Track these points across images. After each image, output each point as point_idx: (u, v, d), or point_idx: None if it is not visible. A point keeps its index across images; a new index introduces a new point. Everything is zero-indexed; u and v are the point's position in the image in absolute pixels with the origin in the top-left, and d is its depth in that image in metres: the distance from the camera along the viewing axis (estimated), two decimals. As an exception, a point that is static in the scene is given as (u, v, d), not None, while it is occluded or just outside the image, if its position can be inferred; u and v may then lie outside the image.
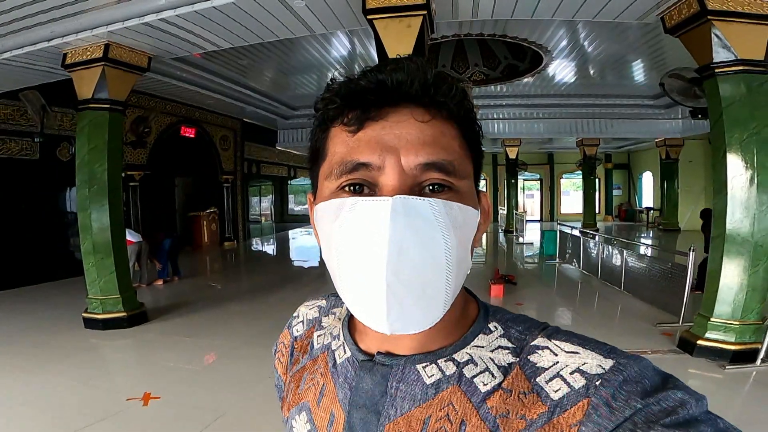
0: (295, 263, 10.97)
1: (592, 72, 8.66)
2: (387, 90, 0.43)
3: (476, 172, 0.49)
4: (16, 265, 7.46)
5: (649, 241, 12.91)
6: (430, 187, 0.43)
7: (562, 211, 20.86)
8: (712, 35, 3.77)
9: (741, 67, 3.77)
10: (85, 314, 5.17)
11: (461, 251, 0.43)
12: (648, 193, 19.11)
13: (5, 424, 3.05)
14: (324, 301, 0.64)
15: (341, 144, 0.45)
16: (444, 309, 0.43)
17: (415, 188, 0.42)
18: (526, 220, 13.98)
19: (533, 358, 0.44)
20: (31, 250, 7.68)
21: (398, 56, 0.47)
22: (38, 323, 5.39)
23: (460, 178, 0.44)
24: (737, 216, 3.86)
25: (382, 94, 0.43)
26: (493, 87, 9.69)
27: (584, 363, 0.41)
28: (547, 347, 0.44)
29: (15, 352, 4.41)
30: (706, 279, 4.16)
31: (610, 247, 7.66)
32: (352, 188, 0.43)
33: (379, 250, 0.39)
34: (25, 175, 7.54)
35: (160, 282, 7.61)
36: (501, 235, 15.12)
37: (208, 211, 12.24)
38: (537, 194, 21.73)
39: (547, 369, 0.43)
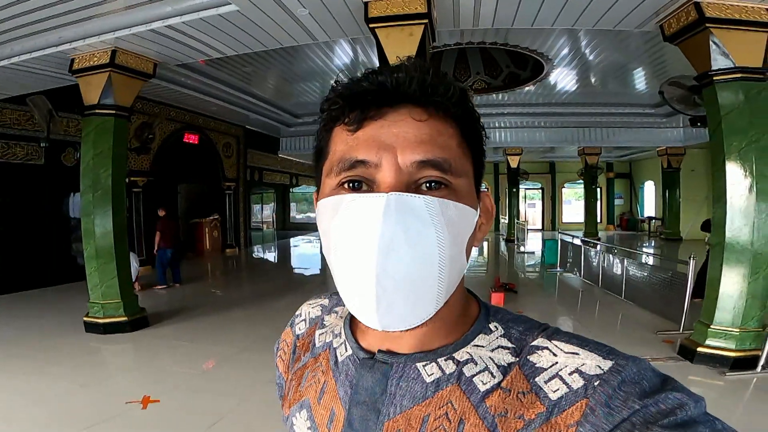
0: (296, 271, 10.96)
1: (593, 80, 8.70)
2: (387, 90, 0.44)
3: (477, 172, 0.50)
4: (19, 269, 7.48)
5: (651, 251, 12.87)
6: (427, 185, 0.44)
7: (563, 221, 20.79)
8: (711, 43, 3.79)
9: (739, 75, 3.79)
10: (86, 318, 5.17)
11: (455, 250, 0.43)
12: (650, 203, 19.04)
13: (5, 426, 3.05)
14: (326, 300, 0.65)
15: (341, 142, 0.46)
16: (436, 306, 0.43)
17: (411, 185, 0.43)
18: (528, 229, 13.95)
19: (533, 358, 0.44)
20: (35, 255, 7.69)
21: (398, 58, 0.49)
22: (39, 327, 5.39)
23: (457, 176, 0.45)
24: (737, 224, 3.85)
25: (382, 95, 0.44)
26: (494, 95, 9.73)
27: (583, 363, 0.41)
28: (547, 348, 0.44)
29: (16, 355, 4.41)
30: (706, 287, 4.15)
31: (611, 256, 7.63)
32: (350, 185, 0.45)
33: (370, 245, 0.40)
34: (30, 179, 7.58)
35: (161, 288, 7.62)
36: (502, 244, 15.07)
37: (210, 217, 12.25)
38: (538, 203, 21.66)
39: (546, 369, 0.43)
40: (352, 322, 0.55)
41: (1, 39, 4.69)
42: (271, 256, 13.37)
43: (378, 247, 0.39)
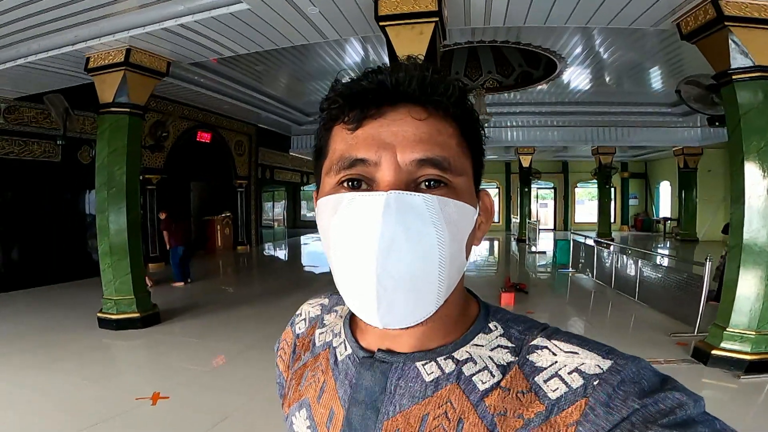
0: (307, 268, 11.02)
1: (607, 79, 8.58)
2: (386, 89, 0.44)
3: (476, 171, 0.49)
4: (35, 265, 7.65)
5: (666, 252, 12.68)
6: (426, 183, 0.44)
7: (576, 221, 20.56)
8: (730, 41, 3.73)
9: (759, 74, 3.72)
10: (99, 314, 5.26)
11: (455, 248, 0.43)
12: (665, 203, 18.76)
13: (17, 420, 3.11)
14: (326, 300, 0.65)
15: (341, 141, 0.46)
16: (436, 304, 0.43)
17: (410, 184, 0.43)
18: (539, 229, 13.84)
19: (532, 357, 0.44)
20: (50, 251, 7.86)
21: (400, 58, 0.48)
22: (53, 322, 5.49)
23: (456, 174, 0.45)
24: (755, 225, 3.79)
25: (382, 94, 0.44)
26: (506, 94, 9.67)
27: (583, 363, 0.41)
28: (546, 347, 0.44)
29: (29, 350, 4.50)
30: (723, 289, 4.09)
31: (624, 257, 7.54)
32: (350, 184, 0.45)
33: (370, 244, 0.40)
34: (47, 177, 7.73)
35: (180, 284, 7.78)
36: (513, 244, 14.98)
37: (222, 215, 12.38)
38: (551, 203, 21.48)
39: (545, 368, 0.43)
40: (351, 321, 0.55)
41: (18, 38, 4.80)
42: (282, 253, 13.47)
43: (378, 246, 0.40)
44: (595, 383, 0.39)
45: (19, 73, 5.65)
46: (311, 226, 19.21)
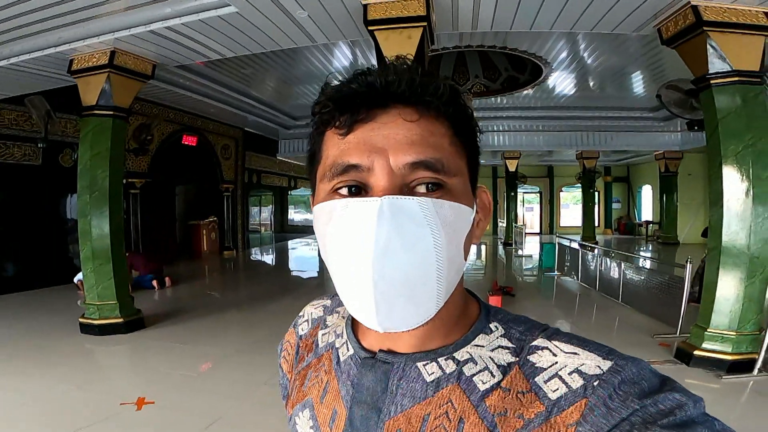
0: (294, 273, 10.94)
1: (591, 84, 8.72)
2: (376, 91, 0.44)
3: (472, 169, 0.49)
4: (15, 270, 7.46)
5: (648, 254, 12.89)
6: (421, 186, 0.43)
7: (561, 224, 20.82)
8: (708, 46, 3.80)
9: (736, 78, 3.79)
10: (81, 319, 5.14)
11: (453, 249, 0.43)
12: (647, 207, 19.09)
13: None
14: (329, 301, 0.65)
15: (333, 147, 0.46)
16: (436, 307, 0.43)
17: (404, 188, 0.43)
18: (526, 233, 13.96)
19: (533, 358, 0.44)
20: (31, 256, 7.66)
21: (387, 59, 0.48)
22: (35, 328, 5.36)
23: (451, 175, 0.44)
24: (733, 228, 3.86)
25: (372, 96, 0.44)
26: (493, 99, 9.75)
27: (583, 364, 0.42)
28: (547, 348, 0.45)
29: (11, 356, 4.38)
30: (703, 290, 4.16)
31: (608, 259, 7.65)
32: (345, 190, 0.44)
33: (365, 250, 0.40)
34: (28, 180, 7.54)
35: (155, 284, 7.69)
36: (500, 248, 15.08)
37: (208, 219, 12.23)
38: (536, 207, 21.70)
39: (546, 369, 0.43)
40: (353, 322, 0.56)
41: (0, 39, 4.68)
42: (269, 258, 13.34)
43: (374, 253, 0.39)
44: (595, 384, 0.40)
45: (1, 75, 5.51)
46: (299, 231, 19.09)
